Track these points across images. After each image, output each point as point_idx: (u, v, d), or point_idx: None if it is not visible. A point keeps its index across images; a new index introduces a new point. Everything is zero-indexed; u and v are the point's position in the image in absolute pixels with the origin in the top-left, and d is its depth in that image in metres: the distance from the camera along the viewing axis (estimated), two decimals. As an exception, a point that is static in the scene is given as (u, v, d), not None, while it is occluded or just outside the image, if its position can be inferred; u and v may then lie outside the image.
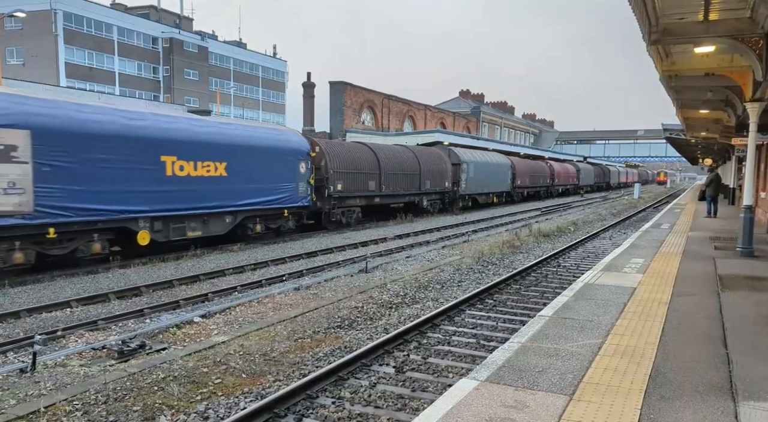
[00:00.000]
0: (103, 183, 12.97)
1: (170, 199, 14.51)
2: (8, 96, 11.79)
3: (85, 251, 13.05)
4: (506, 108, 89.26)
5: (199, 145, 15.25)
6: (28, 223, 11.59)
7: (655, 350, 5.72)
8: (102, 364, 7.17)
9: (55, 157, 12.00)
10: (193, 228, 15.48)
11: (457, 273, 13.16)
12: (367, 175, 23.01)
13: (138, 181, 13.70)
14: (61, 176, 12.11)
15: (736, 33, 9.51)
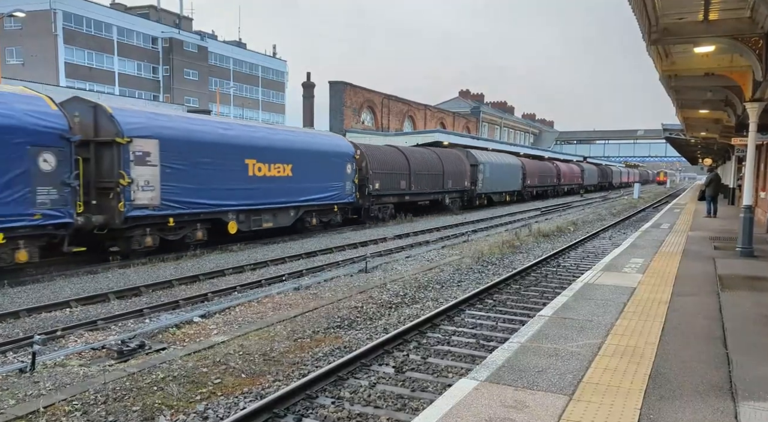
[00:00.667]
0: (206, 181, 15.54)
1: (251, 195, 17.10)
2: (144, 113, 14.83)
3: (191, 237, 15.71)
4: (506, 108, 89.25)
5: (272, 149, 17.92)
6: (156, 214, 14.33)
7: (655, 350, 5.72)
8: (101, 364, 7.16)
9: (174, 161, 14.58)
10: (267, 220, 18.10)
11: (456, 273, 13.15)
12: (399, 175, 25.47)
13: (229, 180, 16.22)
14: (178, 176, 14.71)
15: (735, 33, 9.51)
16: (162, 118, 14.93)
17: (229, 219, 16.46)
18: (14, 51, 53.73)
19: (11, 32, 52.51)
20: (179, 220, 15.06)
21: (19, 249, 11.66)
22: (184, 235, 15.43)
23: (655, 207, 38.95)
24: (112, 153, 13.39)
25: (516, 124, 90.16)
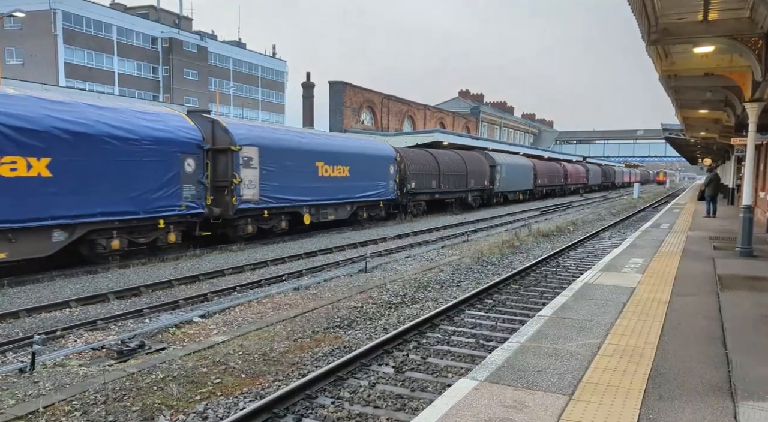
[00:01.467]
0: (289, 181, 18.67)
1: (320, 192, 20.21)
2: (247, 125, 18.61)
3: (277, 227, 18.99)
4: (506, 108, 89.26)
5: (334, 154, 21.08)
6: (256, 207, 17.44)
7: (655, 350, 5.72)
8: (101, 364, 7.16)
9: (268, 164, 17.68)
10: (330, 214, 21.28)
11: (456, 273, 13.16)
12: (431, 176, 28.41)
13: (304, 180, 19.36)
14: (271, 177, 17.80)
15: (735, 33, 9.52)
16: (259, 129, 18.67)
17: (304, 212, 19.74)
18: (14, 51, 53.73)
19: (11, 32, 52.50)
20: (271, 213, 18.27)
21: (170, 232, 15.14)
22: (273, 225, 18.68)
23: (655, 207, 38.97)
24: (226, 158, 16.53)
25: (516, 123, 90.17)
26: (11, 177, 11.24)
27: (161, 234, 14.79)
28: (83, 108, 12.99)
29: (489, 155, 36.01)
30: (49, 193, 11.90)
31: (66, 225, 12.40)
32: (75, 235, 12.70)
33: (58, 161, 12.04)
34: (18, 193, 11.38)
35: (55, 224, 12.15)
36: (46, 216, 11.91)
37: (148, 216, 14.14)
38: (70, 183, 12.31)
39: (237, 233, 17.20)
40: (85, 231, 12.89)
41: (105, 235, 13.49)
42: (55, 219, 12.10)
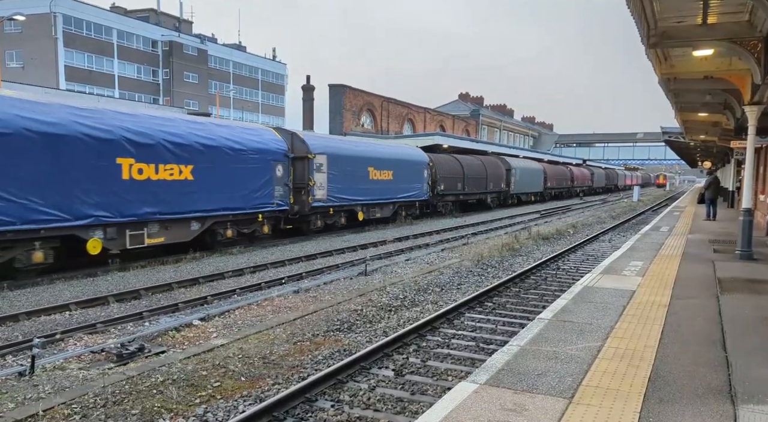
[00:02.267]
0: (348, 183, 21.93)
1: (370, 193, 23.54)
2: (319, 137, 22.70)
3: (338, 223, 22.27)
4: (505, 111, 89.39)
5: (381, 159, 24.43)
6: (325, 205, 20.93)
7: (655, 353, 5.72)
8: (101, 367, 7.15)
9: (334, 169, 20.98)
10: (377, 212, 24.50)
11: (456, 276, 13.15)
12: (456, 179, 31.36)
13: (359, 183, 22.71)
14: (336, 180, 21.12)
15: (734, 36, 9.53)
16: (328, 140, 22.74)
17: (359, 210, 23.05)
18: (14, 54, 53.79)
19: (11, 35, 52.57)
20: (335, 210, 21.71)
21: (265, 225, 18.44)
22: (335, 221, 21.99)
23: (655, 210, 38.97)
24: (303, 164, 19.85)
25: (516, 126, 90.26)
26: (170, 180, 14.76)
27: (258, 227, 18.25)
28: (212, 126, 16.87)
29: (505, 160, 38.96)
30: (191, 192, 15.33)
31: (200, 218, 15.91)
32: (205, 226, 16.17)
33: (198, 167, 15.48)
34: (173, 192, 14.83)
35: (194, 217, 15.64)
36: (189, 211, 15.34)
37: (251, 211, 17.64)
38: (204, 184, 15.72)
39: (309, 227, 20.80)
40: (212, 222, 16.34)
41: (222, 226, 16.92)
42: (194, 212, 15.54)
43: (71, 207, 12.47)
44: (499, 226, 26.29)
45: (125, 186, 13.64)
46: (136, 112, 15.09)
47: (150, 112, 16.09)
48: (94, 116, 13.30)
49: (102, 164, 13.11)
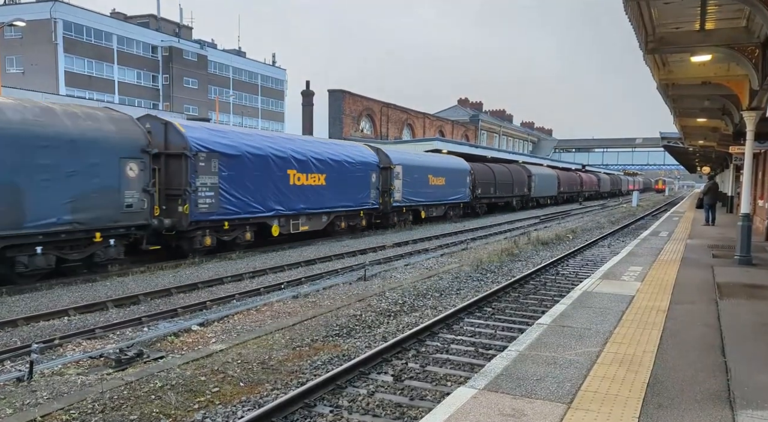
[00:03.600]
0: (415, 188, 27.02)
1: (429, 196, 28.61)
2: (398, 150, 28.37)
3: (407, 219, 27.16)
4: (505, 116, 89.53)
5: (437, 168, 29.44)
6: (400, 205, 25.87)
7: (653, 358, 5.72)
8: (99, 373, 7.14)
9: (406, 177, 26.01)
10: (434, 212, 29.62)
11: (455, 281, 13.15)
12: (490, 184, 36.40)
13: (422, 187, 27.77)
14: (408, 185, 26.26)
15: (732, 42, 9.58)
16: (403, 152, 28.23)
17: (421, 210, 28.22)
18: (14, 60, 53.87)
19: (11, 41, 52.67)
20: (407, 210, 26.84)
21: (363, 219, 23.67)
22: (405, 218, 27.02)
23: (654, 215, 38.99)
24: (387, 173, 24.88)
25: (515, 131, 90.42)
26: (313, 185, 20.11)
27: (359, 221, 23.53)
28: (334, 146, 23.03)
29: (526, 167, 44.15)
30: (324, 194, 20.69)
31: (328, 213, 21.25)
32: (330, 219, 21.41)
33: (329, 176, 20.80)
34: (315, 193, 20.18)
35: (324, 212, 21.00)
36: (322, 207, 20.76)
37: (357, 208, 22.94)
38: (331, 188, 21.01)
39: (389, 222, 25.55)
40: (334, 216, 21.65)
41: (339, 219, 22.12)
42: (325, 208, 20.95)
43: (266, 203, 17.98)
44: (499, 231, 26.30)
45: (291, 189, 19.10)
46: (294, 137, 22.43)
47: (303, 138, 24.05)
48: (276, 142, 19.14)
49: (280, 174, 18.59)
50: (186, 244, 15.73)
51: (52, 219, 12.12)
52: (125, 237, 13.99)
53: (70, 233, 12.60)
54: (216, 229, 16.43)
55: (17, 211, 11.56)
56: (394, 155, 25.82)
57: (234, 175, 16.48)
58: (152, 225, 14.43)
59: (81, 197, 12.63)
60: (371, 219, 24.39)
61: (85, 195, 12.71)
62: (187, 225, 15.25)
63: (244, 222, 17.28)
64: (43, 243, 12.10)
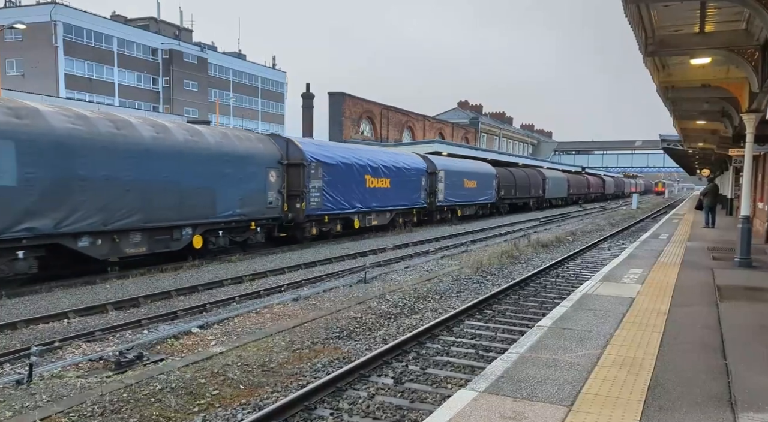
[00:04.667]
0: (454, 190, 31.16)
1: (464, 197, 32.73)
2: (441, 158, 31.85)
3: (447, 217, 31.49)
4: (504, 118, 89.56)
5: (470, 172, 33.47)
6: (442, 205, 30.06)
7: (654, 361, 5.72)
8: (99, 376, 7.12)
9: (447, 180, 30.18)
10: (467, 211, 33.83)
11: (456, 284, 13.14)
12: (511, 187, 40.53)
13: (459, 189, 31.86)
14: (448, 187, 30.37)
15: (731, 45, 9.59)
16: (445, 160, 32.25)
17: (457, 209, 32.55)
18: (14, 62, 53.91)
19: (11, 44, 52.71)
20: (447, 208, 31.27)
21: (414, 216, 27.90)
22: (446, 216, 31.31)
23: (654, 217, 39.00)
24: (432, 177, 28.81)
25: (515, 134, 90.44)
26: (381, 187, 24.22)
27: (412, 218, 27.69)
28: (397, 155, 27.56)
29: (540, 171, 48.31)
30: (388, 195, 24.80)
31: (391, 211, 25.45)
32: (392, 216, 25.68)
33: (392, 180, 25.00)
34: (381, 194, 24.34)
35: (388, 209, 25.18)
36: (387, 206, 24.93)
37: (411, 207, 27.25)
38: (394, 190, 25.21)
39: (433, 219, 29.63)
40: (394, 214, 25.92)
41: (398, 216, 26.31)
42: (389, 207, 25.13)
43: (351, 202, 22.19)
44: (499, 234, 26.30)
45: (367, 191, 23.24)
46: (368, 149, 26.86)
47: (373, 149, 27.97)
48: (357, 153, 23.60)
49: (360, 179, 22.80)
50: (299, 233, 20.14)
51: (230, 212, 16.63)
52: (266, 226, 18.65)
53: (238, 222, 17.20)
54: (319, 222, 20.87)
55: (212, 206, 16.00)
56: (438, 162, 30.09)
57: (332, 179, 20.84)
58: (282, 218, 19.06)
59: (245, 196, 17.14)
60: (420, 216, 28.82)
61: (247, 195, 17.24)
62: (303, 218, 19.66)
63: (336, 216, 21.80)
64: (224, 228, 16.79)
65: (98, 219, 12.90)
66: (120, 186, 13.34)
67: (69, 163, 12.32)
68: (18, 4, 57.29)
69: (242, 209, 17.01)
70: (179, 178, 14.81)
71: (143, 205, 13.89)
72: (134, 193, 13.67)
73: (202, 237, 15.95)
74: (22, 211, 11.49)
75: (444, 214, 31.11)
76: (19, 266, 11.74)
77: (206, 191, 15.65)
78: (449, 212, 31.60)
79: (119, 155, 13.32)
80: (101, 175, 12.94)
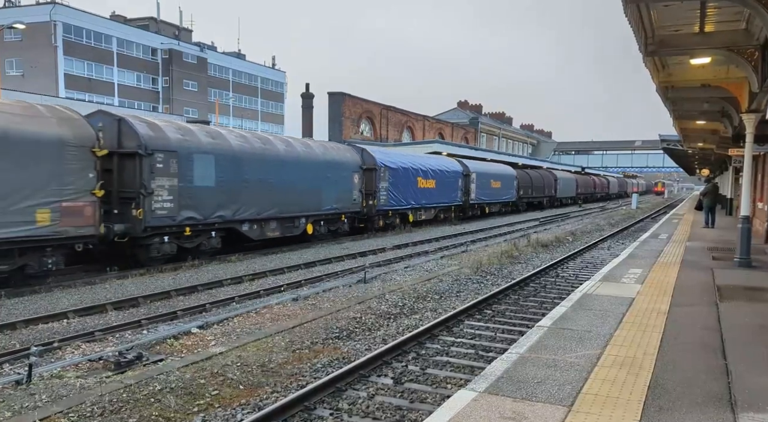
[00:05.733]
0: (483, 189, 34.92)
1: (490, 196, 36.42)
2: (473, 162, 35.43)
3: (476, 213, 35.06)
4: (504, 118, 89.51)
5: (495, 174, 37.48)
6: (474, 203, 34.22)
7: (654, 361, 5.71)
8: (98, 376, 7.12)
9: (478, 181, 33.96)
10: (493, 208, 37.70)
11: (455, 284, 13.14)
12: (528, 187, 44.58)
13: (487, 189, 35.60)
14: (478, 187, 34.13)
15: (731, 45, 9.59)
16: (477, 163, 35.50)
17: (485, 206, 36.27)
18: (14, 62, 53.90)
19: (11, 44, 52.71)
20: (477, 205, 34.80)
21: (452, 212, 32.03)
22: (476, 212, 35.12)
23: (654, 217, 39.00)
24: (467, 179, 32.67)
25: (514, 134, 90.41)
26: (429, 187, 28.16)
27: (450, 214, 31.55)
28: (440, 160, 31.65)
29: (552, 172, 52.41)
30: (434, 193, 28.74)
31: (435, 207, 29.52)
32: (436, 212, 29.77)
33: (437, 181, 28.84)
34: (429, 193, 28.36)
35: (433, 207, 29.24)
36: (433, 203, 28.96)
37: (449, 204, 31.14)
38: (438, 190, 29.10)
39: (466, 214, 33.44)
40: (438, 210, 30.14)
41: (440, 212, 30.67)
42: (434, 204, 29.20)
43: (407, 200, 26.46)
44: (498, 234, 26.29)
45: (418, 190, 27.48)
46: (418, 155, 30.98)
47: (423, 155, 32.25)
48: (411, 159, 27.88)
49: (413, 180, 26.91)
50: (370, 225, 24.37)
51: (329, 206, 21.28)
52: (350, 218, 23.05)
53: (334, 215, 21.79)
54: (384, 216, 25.15)
55: (319, 202, 20.65)
56: (470, 165, 33.86)
57: (394, 181, 25.26)
58: (361, 212, 23.31)
59: (339, 195, 21.72)
60: (457, 213, 32.91)
61: (341, 193, 21.86)
62: (374, 212, 24.09)
63: (396, 212, 26.11)
64: (324, 219, 21.36)
65: (255, 210, 17.53)
66: (266, 187, 17.89)
67: (239, 170, 16.90)
68: (17, 4, 57.27)
69: (337, 204, 21.66)
70: (299, 180, 19.38)
71: (279, 200, 18.43)
72: (274, 192, 18.18)
73: (312, 225, 20.68)
74: (216, 204, 16.14)
75: (475, 211, 35.63)
76: (213, 242, 16.59)
77: (316, 191, 20.40)
78: (479, 209, 35.63)
79: (266, 164, 18.02)
80: (256, 179, 17.50)
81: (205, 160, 15.68)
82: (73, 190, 12.44)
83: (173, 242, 15.21)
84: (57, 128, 12.27)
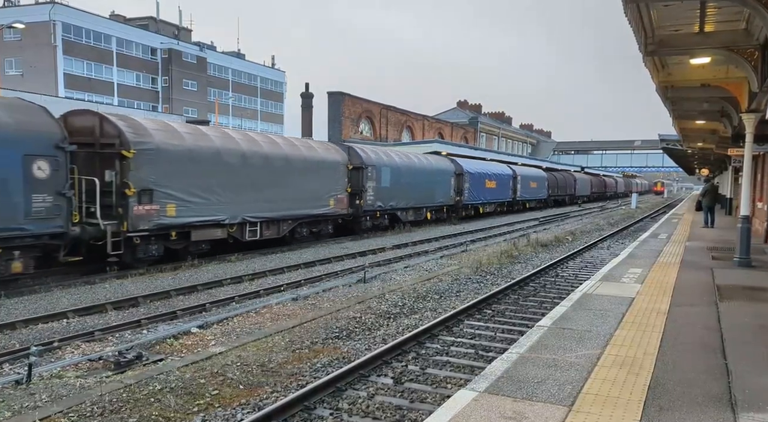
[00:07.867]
0: (525, 188, 42.79)
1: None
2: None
3: (521, 207, 43.37)
4: (503, 118, 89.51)
5: (531, 177, 44.25)
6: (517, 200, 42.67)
7: (654, 361, 5.71)
8: (98, 376, 7.12)
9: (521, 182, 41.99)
10: (528, 204, 44.34)
11: (455, 283, 13.14)
12: (555, 187, 50.86)
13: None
14: (521, 185, 42.17)
15: (731, 44, 9.59)
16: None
17: (525, 202, 42.85)
18: (13, 62, 53.88)
19: (11, 43, 52.68)
20: (521, 200, 41.87)
21: (505, 207, 40.63)
22: (520, 206, 41.51)
23: (653, 217, 39.01)
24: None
25: (514, 134, 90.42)
26: (491, 187, 36.29)
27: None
28: (495, 165, 38.74)
29: (572, 173, 58.64)
30: (493, 192, 36.73)
31: (491, 204, 37.17)
32: (494, 207, 37.71)
33: (496, 182, 36.83)
34: (491, 191, 36.46)
35: (493, 202, 37.48)
36: (490, 199, 36.66)
37: (503, 201, 38.63)
38: (496, 189, 36.96)
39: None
40: (496, 205, 37.87)
41: (496, 208, 37.71)
42: (493, 200, 37.20)
43: (479, 196, 34.64)
44: (498, 234, 26.29)
45: (486, 189, 35.07)
46: (484, 162, 37.47)
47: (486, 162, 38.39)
48: (483, 165, 35.73)
49: (483, 181, 34.54)
50: (455, 215, 32.06)
51: (441, 200, 30.05)
52: (437, 211, 30.43)
53: (439, 207, 30.48)
54: (465, 209, 33.20)
55: (432, 197, 29.18)
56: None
57: (472, 182, 33.07)
58: (454, 206, 31.69)
59: (423, 193, 28.13)
60: (504, 208, 38.56)
61: (439, 192, 29.75)
62: (461, 205, 32.31)
63: (472, 207, 34.01)
64: (432, 210, 29.85)
65: (405, 202, 26.40)
66: (408, 186, 26.31)
67: (398, 176, 25.41)
68: (17, 4, 57.23)
69: (442, 199, 30.14)
70: (421, 182, 27.60)
71: (413, 195, 27.01)
72: (413, 190, 26.85)
73: (430, 214, 29.34)
74: (388, 198, 24.84)
75: (519, 205, 40.76)
76: (379, 223, 25.04)
77: (430, 190, 28.74)
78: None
79: (409, 172, 26.58)
80: (405, 182, 25.99)
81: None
82: (341, 187, 21.88)
83: (372, 221, 24.58)
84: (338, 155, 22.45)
